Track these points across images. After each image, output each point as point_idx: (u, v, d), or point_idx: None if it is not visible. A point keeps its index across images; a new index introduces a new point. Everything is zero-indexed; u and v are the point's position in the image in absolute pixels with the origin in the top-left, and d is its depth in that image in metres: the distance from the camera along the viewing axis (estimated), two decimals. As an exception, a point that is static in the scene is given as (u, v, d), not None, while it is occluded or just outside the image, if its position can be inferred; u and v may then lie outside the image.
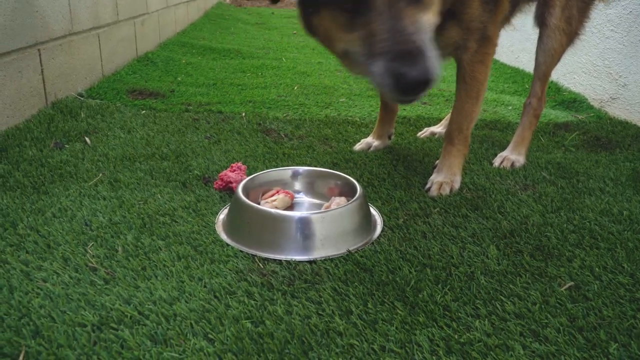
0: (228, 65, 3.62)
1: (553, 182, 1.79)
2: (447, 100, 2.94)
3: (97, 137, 2.01)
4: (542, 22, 1.95)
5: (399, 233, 1.40)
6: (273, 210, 1.36)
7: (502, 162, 1.96)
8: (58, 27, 2.36)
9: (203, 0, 6.37)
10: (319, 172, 1.63)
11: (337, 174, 1.59)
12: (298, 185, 1.63)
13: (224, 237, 1.35)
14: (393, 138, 2.14)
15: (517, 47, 4.00)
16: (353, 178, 1.53)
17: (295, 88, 3.06)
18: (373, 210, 1.51)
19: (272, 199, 1.51)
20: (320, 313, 1.06)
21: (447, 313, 1.08)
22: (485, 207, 1.57)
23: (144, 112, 2.40)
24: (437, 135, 2.29)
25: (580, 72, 3.08)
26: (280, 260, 1.25)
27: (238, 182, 1.54)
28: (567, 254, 1.31)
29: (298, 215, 1.33)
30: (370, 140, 2.08)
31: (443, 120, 2.37)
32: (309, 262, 1.25)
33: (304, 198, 1.61)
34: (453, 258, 1.28)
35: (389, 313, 1.07)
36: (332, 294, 1.12)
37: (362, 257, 1.27)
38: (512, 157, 1.97)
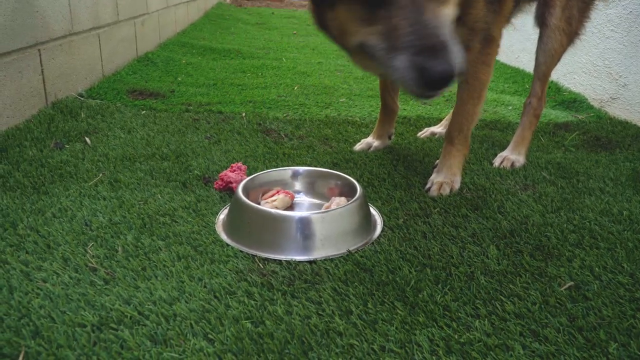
0: (228, 66, 3.62)
1: (553, 182, 1.79)
2: (447, 101, 2.94)
3: (97, 137, 2.01)
4: (542, 22, 1.95)
5: (399, 233, 1.40)
6: (273, 211, 1.36)
7: (502, 162, 1.96)
8: (58, 27, 2.36)
9: (203, 1, 6.37)
10: (319, 172, 1.63)
11: (337, 174, 1.59)
12: (298, 186, 1.63)
13: (224, 237, 1.35)
14: (393, 138, 2.14)
15: (517, 47, 4.00)
16: (353, 178, 1.53)
17: (296, 88, 3.07)
18: (373, 210, 1.51)
19: (272, 199, 1.51)
20: (320, 313, 1.06)
21: (447, 313, 1.08)
22: (485, 207, 1.57)
23: (144, 112, 2.41)
24: (437, 135, 2.29)
25: (581, 72, 3.08)
26: (280, 261, 1.25)
27: (238, 182, 1.54)
28: (567, 254, 1.31)
29: (298, 216, 1.33)
30: (371, 141, 2.08)
31: (443, 120, 2.37)
32: (309, 262, 1.25)
33: (304, 198, 1.61)
34: (453, 258, 1.28)
35: (389, 313, 1.07)
36: (332, 294, 1.12)
37: (362, 257, 1.27)
38: (512, 157, 1.97)
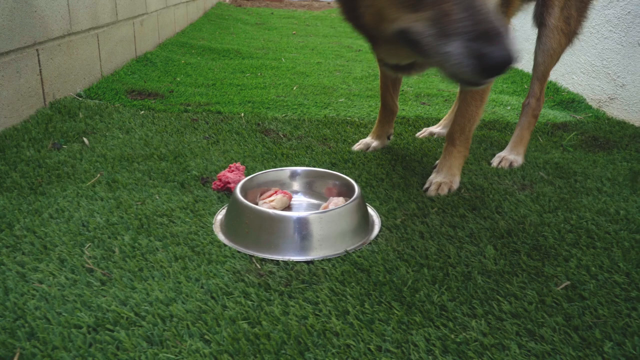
0: (227, 66, 3.62)
1: (551, 182, 1.79)
2: (446, 101, 2.94)
3: (95, 137, 2.01)
4: (541, 22, 1.95)
5: (397, 233, 1.40)
6: (271, 211, 1.36)
7: (500, 162, 1.96)
8: (57, 27, 2.36)
9: (203, 1, 6.37)
10: (317, 172, 1.63)
11: (335, 174, 1.59)
12: (296, 186, 1.64)
13: (222, 237, 1.35)
14: (392, 138, 2.14)
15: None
16: (351, 178, 1.53)
17: (295, 88, 3.07)
18: (371, 211, 1.51)
19: (270, 200, 1.51)
20: (317, 313, 1.06)
21: (443, 313, 1.08)
22: (483, 207, 1.57)
23: (143, 112, 2.40)
24: (435, 136, 2.29)
25: (579, 72, 3.08)
26: (278, 261, 1.25)
27: (236, 182, 1.54)
28: (563, 254, 1.31)
29: (296, 216, 1.33)
30: (369, 141, 2.08)
31: (442, 120, 2.37)
32: (307, 262, 1.25)
33: (302, 198, 1.61)
34: (450, 258, 1.28)
35: (386, 313, 1.07)
36: (329, 294, 1.12)
37: (359, 257, 1.27)
38: (510, 157, 1.97)
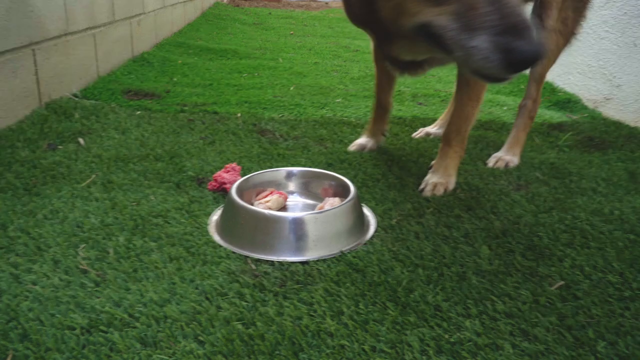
0: (224, 66, 3.62)
1: (546, 182, 1.79)
2: (442, 101, 2.95)
3: (91, 137, 2.01)
4: (538, 23, 1.95)
5: (392, 233, 1.40)
6: (266, 211, 1.36)
7: (496, 162, 1.96)
8: (53, 27, 2.36)
9: (200, 0, 6.36)
10: (313, 172, 1.63)
11: (331, 175, 1.59)
12: (292, 186, 1.63)
13: (217, 238, 1.35)
14: (387, 134, 2.13)
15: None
16: (347, 179, 1.53)
17: (292, 88, 3.06)
18: (366, 211, 1.52)
19: (265, 200, 1.51)
20: (312, 314, 1.06)
21: (438, 313, 1.08)
22: (479, 207, 1.57)
23: (139, 112, 2.40)
24: (432, 136, 2.30)
25: (575, 72, 3.08)
26: (273, 261, 1.25)
27: (232, 183, 1.54)
28: (558, 254, 1.32)
29: (291, 216, 1.33)
30: (364, 142, 2.06)
31: (438, 121, 2.37)
32: (302, 263, 1.25)
33: (298, 199, 1.61)
34: (445, 258, 1.28)
35: (380, 313, 1.07)
36: (323, 295, 1.12)
37: (354, 257, 1.27)
38: (506, 157, 1.97)
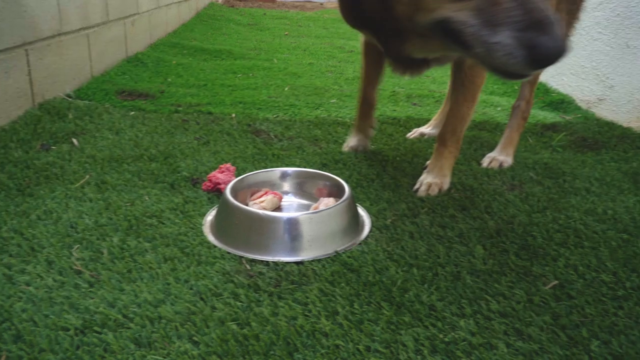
0: (219, 66, 3.62)
1: (540, 182, 1.80)
2: (437, 102, 2.95)
3: (84, 138, 2.00)
4: None
5: (387, 233, 1.41)
6: (261, 212, 1.36)
7: (490, 162, 1.97)
8: (46, 27, 2.35)
9: (195, 1, 6.34)
10: (308, 173, 1.64)
11: (325, 175, 1.59)
12: (287, 186, 1.64)
13: (212, 238, 1.35)
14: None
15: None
16: (342, 179, 1.53)
17: (286, 89, 3.06)
18: (361, 211, 1.52)
19: (260, 200, 1.51)
20: (307, 314, 1.06)
21: (432, 313, 1.08)
22: (473, 207, 1.58)
23: (133, 113, 2.39)
24: (426, 136, 2.30)
25: (569, 73, 3.10)
26: (268, 262, 1.25)
27: (226, 183, 1.54)
28: (552, 253, 1.32)
29: (286, 217, 1.33)
30: (356, 143, 2.02)
31: (432, 121, 2.38)
32: (296, 263, 1.25)
33: (293, 199, 1.61)
34: (440, 258, 1.29)
35: (375, 313, 1.07)
36: (318, 295, 1.12)
37: (349, 257, 1.27)
38: (500, 157, 1.98)
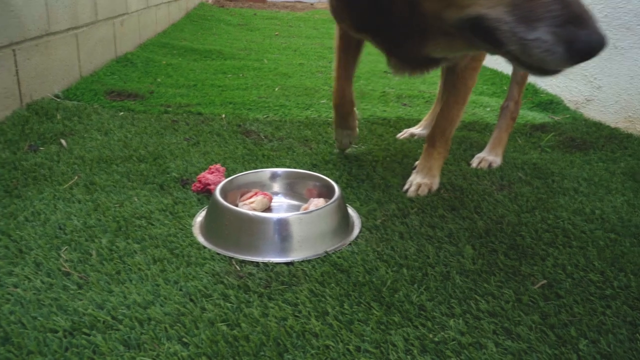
0: (209, 67, 3.60)
1: (529, 182, 1.82)
2: (427, 102, 2.97)
3: (73, 139, 1.99)
4: None
5: (377, 234, 1.41)
6: (251, 212, 1.36)
7: (479, 162, 1.98)
8: (34, 27, 2.32)
9: (185, 1, 6.32)
10: (298, 173, 1.64)
11: (315, 176, 1.60)
12: (277, 187, 1.63)
13: (201, 239, 1.34)
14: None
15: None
16: (332, 179, 1.53)
17: (276, 89, 3.06)
18: (351, 211, 1.52)
19: (250, 201, 1.51)
20: (297, 315, 1.06)
21: (422, 312, 1.08)
22: (462, 207, 1.59)
23: (122, 113, 2.38)
24: (416, 137, 2.31)
25: (557, 73, 3.13)
26: (258, 262, 1.25)
27: (216, 184, 1.53)
28: (540, 253, 1.33)
29: (276, 217, 1.33)
30: (345, 141, 1.97)
31: (422, 121, 2.39)
32: (287, 263, 1.25)
33: (283, 200, 1.61)
34: (429, 258, 1.29)
35: (365, 313, 1.07)
36: (308, 296, 1.12)
37: (339, 258, 1.28)
38: (489, 158, 2.00)
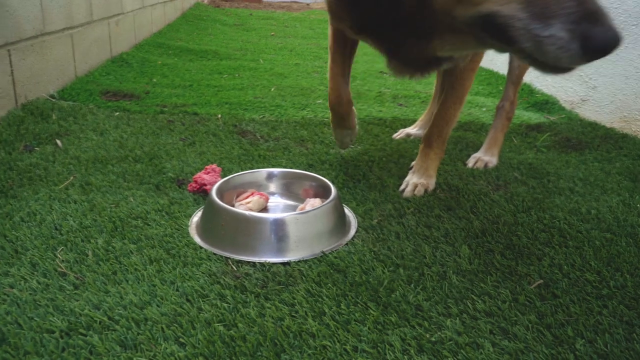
0: (205, 67, 3.60)
1: (524, 182, 1.82)
2: (423, 102, 2.97)
3: (68, 139, 1.98)
4: None
5: (373, 234, 1.41)
6: (247, 212, 1.36)
7: (475, 162, 1.99)
8: (29, 27, 2.31)
9: (180, 1, 6.30)
10: (294, 173, 1.64)
11: (312, 176, 1.60)
12: (273, 187, 1.63)
13: (198, 239, 1.34)
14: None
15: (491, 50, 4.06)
16: (328, 179, 1.54)
17: (272, 89, 3.06)
18: (347, 212, 1.52)
19: (246, 201, 1.51)
20: (294, 315, 1.06)
21: (419, 312, 1.09)
22: (458, 207, 1.59)
23: (118, 113, 2.37)
24: (412, 137, 2.31)
25: (552, 74, 3.14)
26: (254, 263, 1.25)
27: (212, 184, 1.53)
28: (537, 253, 1.34)
29: (272, 217, 1.33)
30: (346, 141, 1.95)
31: (418, 121, 2.39)
32: (283, 264, 1.25)
33: (279, 200, 1.61)
34: (426, 258, 1.29)
35: (362, 313, 1.07)
36: (305, 296, 1.12)
37: (336, 258, 1.28)
38: (485, 158, 2.00)
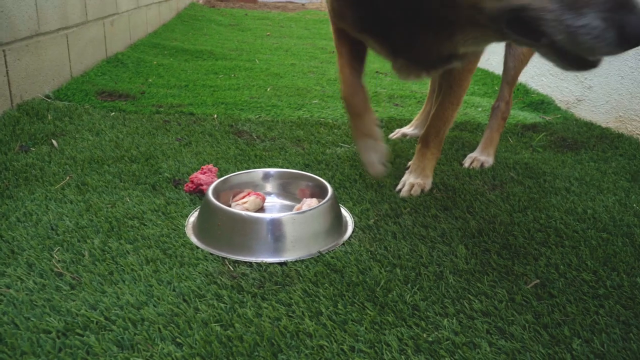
0: (200, 67, 3.59)
1: (520, 182, 1.83)
2: (418, 102, 2.98)
3: (64, 139, 1.97)
4: None
5: (370, 234, 1.41)
6: (244, 212, 1.36)
7: (471, 162, 1.99)
8: (24, 27, 2.30)
9: (175, 1, 6.29)
10: (291, 173, 1.63)
11: (308, 176, 1.60)
12: (269, 187, 1.63)
13: (194, 240, 1.34)
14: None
15: (487, 50, 4.07)
16: (325, 179, 1.54)
17: (268, 89, 3.06)
18: (344, 211, 1.52)
19: (243, 201, 1.51)
20: (290, 315, 1.06)
21: (416, 312, 1.09)
22: (455, 207, 1.60)
23: (113, 114, 2.36)
24: (408, 137, 2.32)
25: (548, 74, 3.15)
26: (251, 263, 1.25)
27: (209, 184, 1.53)
28: (533, 253, 1.34)
29: (269, 217, 1.33)
30: (373, 155, 1.65)
31: (413, 121, 2.39)
32: (280, 264, 1.25)
33: (276, 200, 1.61)
34: (422, 258, 1.30)
35: (359, 313, 1.07)
36: (302, 296, 1.12)
37: (332, 258, 1.28)
38: (481, 158, 2.01)
